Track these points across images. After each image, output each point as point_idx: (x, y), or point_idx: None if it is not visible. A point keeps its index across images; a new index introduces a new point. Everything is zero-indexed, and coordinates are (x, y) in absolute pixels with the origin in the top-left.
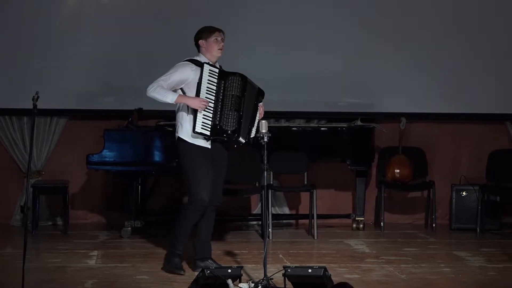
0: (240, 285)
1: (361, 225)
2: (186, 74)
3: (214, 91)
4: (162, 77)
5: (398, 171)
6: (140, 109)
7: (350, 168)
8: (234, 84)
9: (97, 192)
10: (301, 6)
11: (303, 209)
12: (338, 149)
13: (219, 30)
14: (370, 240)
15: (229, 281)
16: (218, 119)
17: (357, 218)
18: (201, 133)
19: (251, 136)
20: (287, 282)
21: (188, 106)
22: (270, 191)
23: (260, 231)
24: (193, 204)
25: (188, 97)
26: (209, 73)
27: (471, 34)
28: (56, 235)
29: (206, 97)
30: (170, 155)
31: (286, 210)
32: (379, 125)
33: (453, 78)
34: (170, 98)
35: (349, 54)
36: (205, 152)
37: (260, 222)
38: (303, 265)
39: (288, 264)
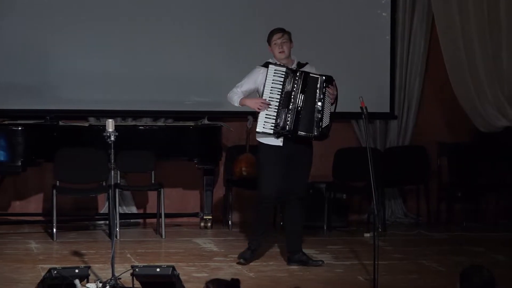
0: (88, 285)
1: (209, 224)
2: (255, 78)
3: (280, 90)
4: (239, 83)
5: (245, 169)
6: None
7: (198, 166)
8: (295, 81)
9: None
10: (147, 4)
11: (151, 208)
12: (185, 148)
13: (278, 32)
14: (218, 239)
15: (77, 281)
16: (276, 117)
17: (205, 217)
18: (264, 133)
19: (323, 126)
20: (135, 281)
21: None
22: (117, 190)
23: (107, 231)
24: (258, 201)
25: (250, 98)
26: (275, 73)
27: (314, 32)
28: None
29: (270, 97)
30: (15, 154)
31: (133, 209)
32: (226, 123)
33: None
34: (235, 101)
35: (195, 52)
36: (276, 151)
37: (107, 222)
38: (151, 264)
39: (136, 263)
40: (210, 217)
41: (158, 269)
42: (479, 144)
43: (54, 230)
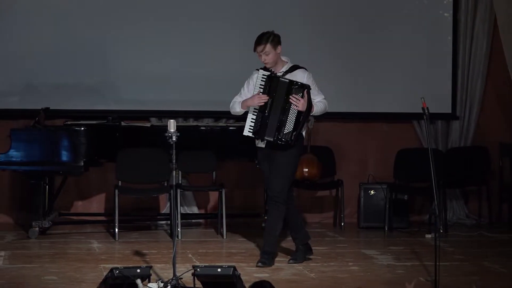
0: (149, 285)
1: None
2: (251, 80)
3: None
4: (241, 89)
5: (306, 170)
6: (47, 109)
7: (258, 167)
8: (269, 86)
9: (4, 192)
10: (205, 5)
11: (212, 208)
12: (246, 148)
13: (258, 44)
14: (278, 239)
15: (138, 281)
16: (255, 121)
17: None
18: (248, 136)
19: (284, 132)
20: (197, 281)
21: None
22: (178, 191)
23: (169, 231)
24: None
25: (250, 98)
26: (262, 78)
27: (377, 33)
28: None
29: None
30: (78, 155)
31: (195, 210)
32: None
33: (360, 78)
34: (238, 109)
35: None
36: (262, 152)
37: (169, 222)
38: (212, 264)
39: (197, 263)
40: None
41: (219, 269)
42: None
43: (116, 230)
